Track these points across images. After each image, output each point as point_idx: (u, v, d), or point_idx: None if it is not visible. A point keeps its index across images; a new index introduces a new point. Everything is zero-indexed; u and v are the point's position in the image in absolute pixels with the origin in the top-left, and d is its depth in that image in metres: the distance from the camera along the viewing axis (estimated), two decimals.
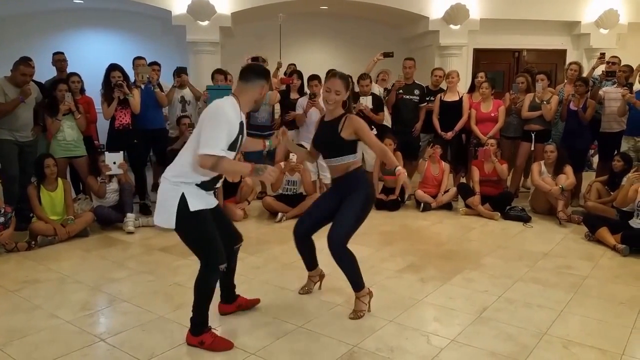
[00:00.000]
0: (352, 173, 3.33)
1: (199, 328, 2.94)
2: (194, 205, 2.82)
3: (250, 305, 3.42)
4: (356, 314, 3.32)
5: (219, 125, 2.74)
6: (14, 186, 5.29)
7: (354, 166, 3.34)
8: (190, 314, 2.96)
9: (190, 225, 2.86)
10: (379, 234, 5.26)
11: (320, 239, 3.40)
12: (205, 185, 2.90)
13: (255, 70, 2.98)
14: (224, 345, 2.92)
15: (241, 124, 2.90)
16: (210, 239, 2.89)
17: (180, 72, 6.66)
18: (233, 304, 3.36)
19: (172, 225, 2.84)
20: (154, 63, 6.58)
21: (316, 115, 5.94)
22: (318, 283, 3.80)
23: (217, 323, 3.17)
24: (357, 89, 6.49)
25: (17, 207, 5.04)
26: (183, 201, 2.80)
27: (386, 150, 3.40)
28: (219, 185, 3.07)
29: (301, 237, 3.52)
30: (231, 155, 2.87)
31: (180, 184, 2.82)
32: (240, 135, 2.92)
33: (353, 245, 3.91)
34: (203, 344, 2.90)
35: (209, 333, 2.94)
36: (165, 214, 2.85)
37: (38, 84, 5.84)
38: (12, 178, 5.28)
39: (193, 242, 2.94)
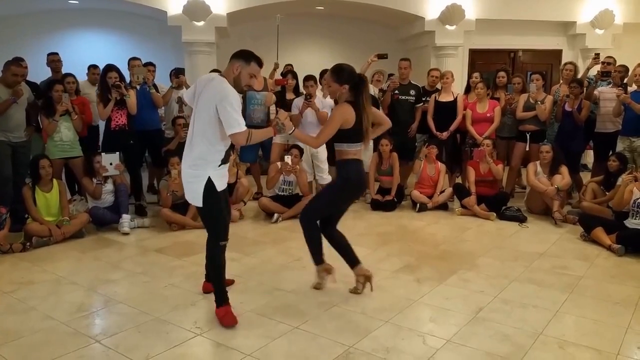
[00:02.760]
0: (339, 162, 3.58)
1: (218, 300, 3.31)
2: (218, 185, 3.24)
3: (227, 284, 3.56)
4: (317, 285, 3.77)
5: (233, 105, 3.11)
6: (8, 187, 5.27)
7: (343, 156, 3.54)
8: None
9: (213, 202, 3.24)
10: (376, 235, 5.27)
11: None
12: (224, 160, 3.28)
13: (236, 53, 3.33)
14: (228, 321, 3.22)
15: None
16: (223, 216, 3.34)
17: (178, 73, 6.64)
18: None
19: (200, 203, 3.23)
20: (149, 63, 6.58)
21: (312, 115, 5.94)
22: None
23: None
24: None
25: (12, 208, 5.03)
26: (210, 182, 3.20)
27: (310, 140, 3.68)
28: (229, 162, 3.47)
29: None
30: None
31: (206, 168, 3.21)
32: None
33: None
34: (218, 316, 3.28)
35: (224, 307, 3.27)
36: (193, 193, 3.27)
37: (32, 84, 5.82)
38: (5, 179, 5.26)
39: (210, 217, 3.32)
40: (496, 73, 7.01)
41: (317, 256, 3.72)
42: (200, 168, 3.21)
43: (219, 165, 3.25)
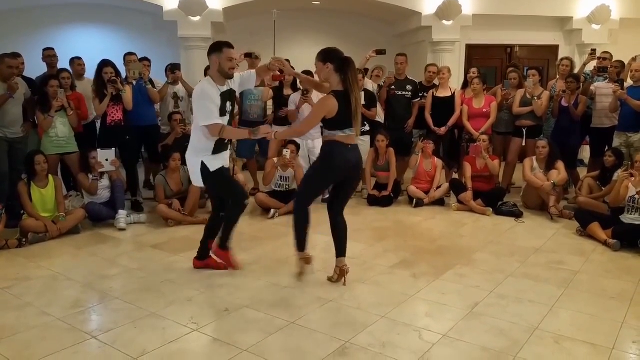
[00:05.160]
0: (323, 144, 3.73)
1: (225, 244, 3.97)
2: (212, 166, 3.74)
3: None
4: (299, 275, 3.88)
5: (204, 101, 3.63)
6: (5, 183, 5.25)
7: (328, 138, 3.63)
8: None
9: (213, 180, 3.82)
10: (372, 230, 5.27)
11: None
12: (218, 149, 3.75)
13: (208, 50, 3.77)
14: (230, 264, 4.02)
15: (224, 93, 3.70)
16: (231, 185, 3.95)
17: (174, 68, 6.60)
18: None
19: (201, 184, 3.88)
20: (144, 59, 6.55)
21: (309, 111, 5.92)
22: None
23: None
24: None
25: (8, 204, 5.01)
26: (204, 165, 3.73)
27: (292, 132, 3.88)
28: (228, 151, 3.95)
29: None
30: (224, 120, 3.72)
31: (199, 155, 3.75)
32: (228, 102, 3.76)
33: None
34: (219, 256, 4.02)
35: (225, 251, 4.00)
36: (194, 176, 3.85)
37: (28, 79, 5.79)
38: (2, 175, 5.24)
39: (220, 190, 3.96)
40: (506, 69, 7.00)
41: (301, 243, 3.80)
42: (195, 155, 3.78)
43: (212, 154, 3.74)
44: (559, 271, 4.11)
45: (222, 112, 3.71)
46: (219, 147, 3.77)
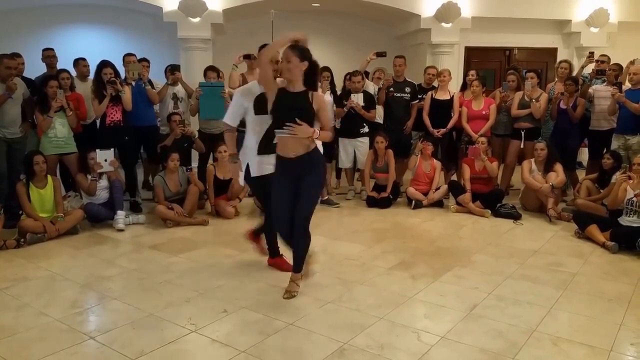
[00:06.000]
0: (312, 152, 3.44)
1: (258, 234, 4.20)
2: (254, 171, 3.82)
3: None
4: (290, 294, 3.57)
5: (232, 104, 3.86)
6: (3, 183, 5.24)
7: (313, 146, 3.43)
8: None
9: (252, 184, 4.00)
10: (371, 232, 5.27)
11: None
12: (262, 150, 3.74)
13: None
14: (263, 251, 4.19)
15: (260, 95, 3.67)
16: (263, 196, 3.92)
17: (174, 69, 6.60)
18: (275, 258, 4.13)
19: (243, 182, 4.02)
20: (144, 59, 6.55)
21: None
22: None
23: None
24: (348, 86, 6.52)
25: (6, 204, 5.00)
26: (247, 168, 3.84)
27: (328, 131, 3.49)
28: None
29: (289, 236, 3.56)
30: (262, 119, 3.67)
31: (247, 154, 3.83)
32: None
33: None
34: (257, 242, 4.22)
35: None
36: (242, 173, 3.90)
37: (27, 80, 5.79)
38: (0, 175, 5.24)
39: (257, 195, 4.20)
40: (505, 72, 7.01)
41: (303, 262, 3.64)
42: (244, 153, 3.87)
43: (258, 154, 3.75)
44: (557, 273, 4.11)
45: (260, 112, 3.70)
46: (262, 148, 3.72)
